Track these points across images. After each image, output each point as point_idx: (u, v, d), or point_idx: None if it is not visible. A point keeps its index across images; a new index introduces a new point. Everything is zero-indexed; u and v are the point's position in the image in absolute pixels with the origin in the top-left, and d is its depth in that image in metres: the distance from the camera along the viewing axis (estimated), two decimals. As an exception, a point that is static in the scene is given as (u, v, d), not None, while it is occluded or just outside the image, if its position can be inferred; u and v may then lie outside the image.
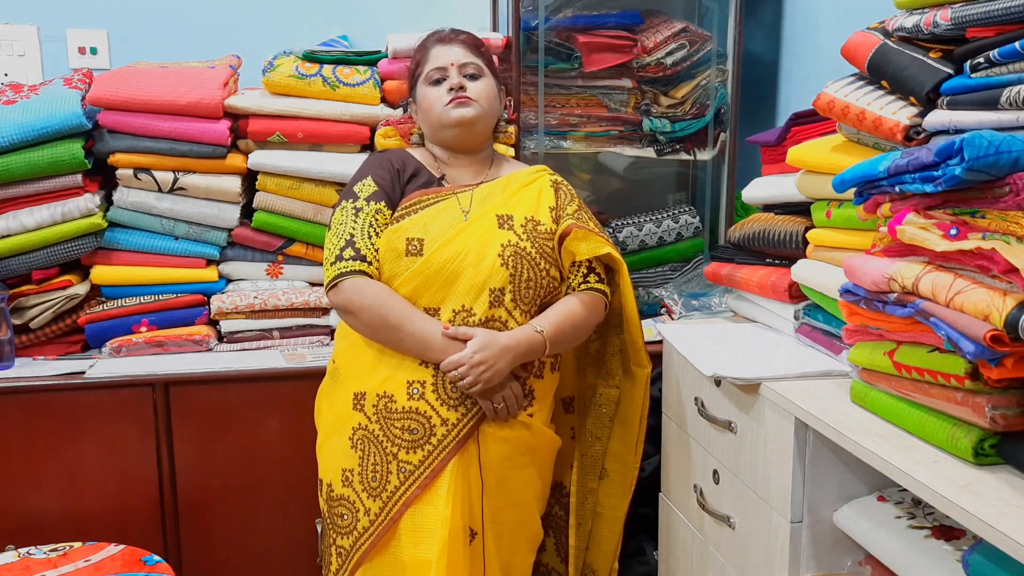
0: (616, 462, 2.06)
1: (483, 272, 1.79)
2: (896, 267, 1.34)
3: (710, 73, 2.62)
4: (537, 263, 1.85)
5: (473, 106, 1.88)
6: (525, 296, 1.84)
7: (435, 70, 1.90)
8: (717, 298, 2.30)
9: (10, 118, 2.23)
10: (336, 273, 1.79)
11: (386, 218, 1.84)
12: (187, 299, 2.40)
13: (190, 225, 2.40)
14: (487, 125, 1.94)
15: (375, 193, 1.85)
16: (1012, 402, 1.22)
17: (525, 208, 1.88)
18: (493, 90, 1.93)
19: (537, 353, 1.83)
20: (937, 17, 1.46)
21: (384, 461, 1.79)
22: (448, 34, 1.95)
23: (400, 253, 1.80)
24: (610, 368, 2.05)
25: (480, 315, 1.79)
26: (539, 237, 1.86)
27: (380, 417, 1.80)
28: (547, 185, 1.94)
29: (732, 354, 1.84)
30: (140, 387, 2.19)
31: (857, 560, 1.58)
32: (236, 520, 2.27)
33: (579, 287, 1.90)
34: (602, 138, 2.61)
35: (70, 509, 2.19)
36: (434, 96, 1.89)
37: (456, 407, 1.79)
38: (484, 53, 1.96)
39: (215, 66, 2.47)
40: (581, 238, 1.87)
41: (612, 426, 2.05)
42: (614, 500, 2.07)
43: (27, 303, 2.32)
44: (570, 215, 1.90)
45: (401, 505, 1.77)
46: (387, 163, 1.91)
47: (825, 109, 1.70)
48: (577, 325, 1.87)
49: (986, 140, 1.18)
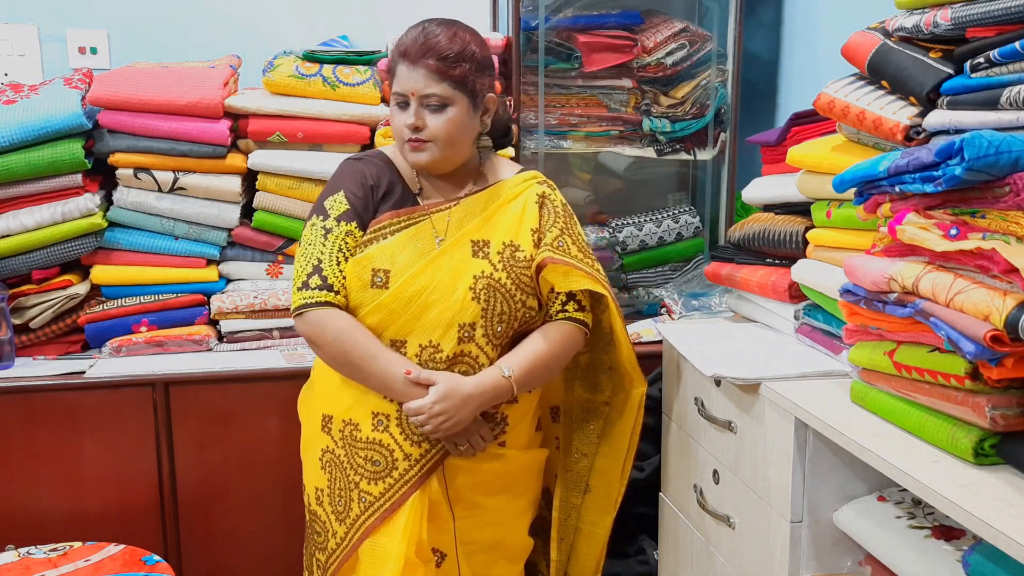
0: (600, 478, 1.97)
1: (453, 307, 1.70)
2: (896, 267, 1.34)
3: (710, 73, 2.62)
4: (512, 295, 1.75)
5: (429, 150, 1.71)
6: (497, 330, 1.75)
7: (398, 95, 1.72)
8: (717, 298, 2.30)
9: (10, 118, 2.23)
10: (302, 302, 1.71)
11: (356, 240, 1.74)
12: (187, 299, 2.40)
13: (190, 225, 2.40)
14: (453, 157, 1.76)
15: (346, 212, 1.74)
16: (1012, 402, 1.22)
17: (504, 231, 1.77)
18: (461, 117, 1.72)
19: (503, 398, 1.74)
20: (937, 17, 1.46)
21: (347, 488, 1.76)
22: (415, 51, 1.69)
23: (365, 284, 1.72)
24: (599, 383, 1.96)
25: (448, 351, 1.71)
26: (516, 266, 1.76)
27: (345, 444, 1.76)
28: (532, 201, 1.80)
29: (732, 354, 1.83)
30: (140, 387, 2.19)
31: (857, 560, 1.58)
32: (236, 520, 2.27)
33: (557, 315, 1.80)
34: (602, 138, 2.61)
35: (70, 509, 2.19)
36: (398, 122, 1.73)
37: (419, 443, 1.73)
38: (454, 74, 1.69)
39: (215, 66, 2.47)
40: (560, 273, 1.76)
41: (599, 443, 1.96)
42: (596, 516, 1.99)
43: (27, 303, 2.32)
44: (548, 244, 1.77)
45: (361, 534, 1.74)
46: (361, 176, 1.78)
47: (825, 109, 1.70)
48: (549, 364, 1.78)
49: (986, 140, 1.18)
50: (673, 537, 2.12)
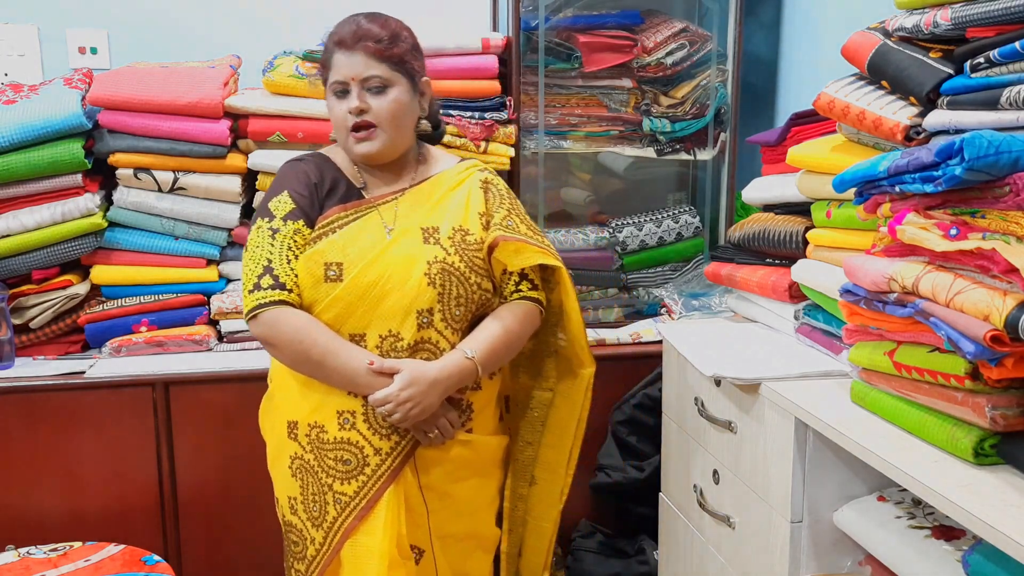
0: (545, 471, 1.94)
1: (409, 293, 1.69)
2: (896, 267, 1.34)
3: (710, 73, 2.62)
4: (467, 278, 1.74)
5: (377, 137, 1.72)
6: (456, 314, 1.74)
7: (337, 83, 1.72)
8: (717, 298, 2.30)
9: (10, 118, 2.23)
10: (254, 304, 1.68)
11: (305, 238, 1.72)
12: (187, 299, 2.40)
13: (190, 225, 2.40)
14: (398, 143, 1.77)
15: (292, 212, 1.72)
16: (1012, 402, 1.22)
17: (453, 217, 1.77)
18: (403, 99, 1.73)
19: (468, 380, 1.74)
20: (937, 17, 1.46)
21: (320, 492, 1.74)
22: (350, 38, 1.71)
23: (319, 279, 1.69)
24: (543, 370, 1.93)
25: (408, 339, 1.70)
26: (468, 249, 1.75)
27: (313, 447, 1.73)
28: (476, 186, 1.81)
29: (732, 354, 1.83)
30: (140, 387, 2.19)
31: (857, 560, 1.58)
32: (236, 520, 2.27)
33: (511, 296, 1.80)
34: (602, 138, 2.61)
35: (70, 509, 2.19)
36: (339, 113, 1.73)
37: (388, 436, 1.72)
38: (392, 55, 1.72)
39: (215, 66, 2.47)
40: (512, 250, 1.76)
41: (543, 431, 1.93)
42: (543, 509, 1.96)
43: (27, 303, 2.32)
44: (498, 224, 1.77)
45: (341, 536, 1.72)
46: (304, 175, 1.77)
47: (825, 109, 1.70)
48: (511, 343, 1.78)
49: (986, 140, 1.18)
50: (673, 537, 2.12)
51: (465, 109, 2.46)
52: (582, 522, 2.51)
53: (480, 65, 2.47)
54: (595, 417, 2.48)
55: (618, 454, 2.44)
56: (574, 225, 2.71)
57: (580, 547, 2.47)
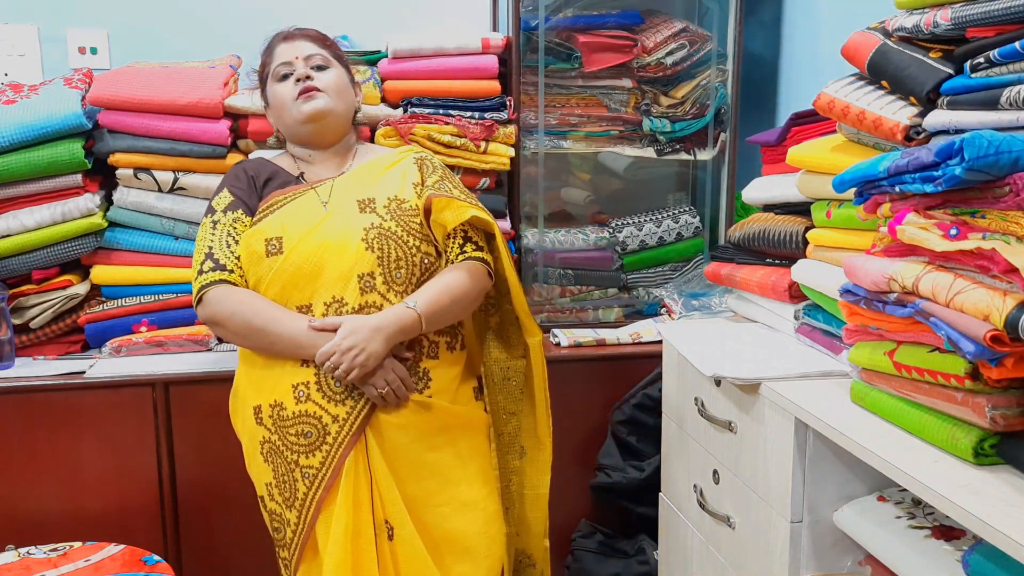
0: (531, 438, 2.00)
1: (348, 260, 1.74)
2: (896, 267, 1.34)
3: (710, 73, 2.62)
4: (405, 241, 1.78)
5: (321, 97, 1.83)
6: (397, 277, 1.77)
7: (282, 65, 1.86)
8: (717, 298, 2.30)
9: (10, 118, 2.23)
10: (199, 287, 1.75)
11: (245, 225, 1.80)
12: (187, 299, 2.40)
13: (190, 225, 2.40)
14: (341, 116, 1.88)
15: (231, 203, 1.82)
16: (1012, 402, 1.22)
17: (388, 189, 1.84)
18: (343, 80, 1.89)
19: (412, 330, 1.74)
20: (937, 17, 1.46)
21: (289, 470, 1.76)
22: (292, 31, 1.92)
23: (261, 255, 1.75)
24: (511, 338, 1.98)
25: (352, 303, 1.74)
26: (404, 215, 1.81)
27: (276, 427, 1.76)
28: (411, 163, 1.90)
29: (732, 354, 1.83)
30: (140, 387, 2.19)
31: (857, 560, 1.58)
32: (236, 520, 2.27)
33: (457, 258, 1.83)
34: (602, 138, 2.61)
35: (70, 509, 2.19)
36: (283, 92, 1.85)
37: (343, 401, 1.74)
38: (331, 46, 1.93)
39: (215, 66, 2.47)
40: (443, 207, 1.80)
41: (523, 399, 1.99)
42: (536, 477, 2.01)
43: (27, 303, 2.32)
44: (431, 187, 1.84)
45: (313, 511, 1.74)
46: (241, 173, 1.87)
47: (825, 109, 1.69)
48: (456, 297, 1.78)
49: (986, 140, 1.18)
50: (673, 537, 2.12)
51: (465, 109, 2.46)
52: (582, 522, 2.51)
53: (480, 65, 2.47)
54: (595, 417, 2.50)
55: (618, 454, 2.45)
56: (574, 225, 2.71)
57: (580, 547, 2.47)
